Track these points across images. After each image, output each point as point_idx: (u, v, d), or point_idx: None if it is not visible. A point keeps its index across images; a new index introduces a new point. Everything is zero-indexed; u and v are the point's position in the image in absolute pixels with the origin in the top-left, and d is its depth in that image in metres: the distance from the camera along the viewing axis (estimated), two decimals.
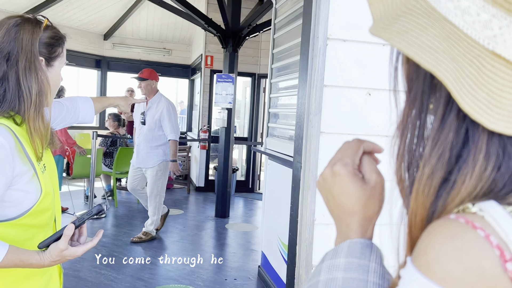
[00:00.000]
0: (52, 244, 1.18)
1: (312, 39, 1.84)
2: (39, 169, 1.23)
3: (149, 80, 4.84)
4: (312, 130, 1.84)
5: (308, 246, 1.84)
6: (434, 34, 0.42)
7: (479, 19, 0.41)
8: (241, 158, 8.56)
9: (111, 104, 2.03)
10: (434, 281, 0.39)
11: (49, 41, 1.28)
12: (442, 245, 0.40)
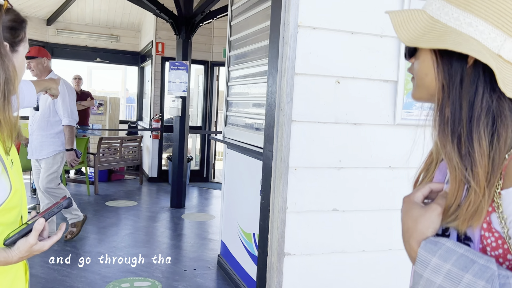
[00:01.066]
0: (20, 239, 1.11)
1: (283, 26, 1.82)
2: (8, 165, 1.14)
3: (39, 58, 4.38)
4: (283, 118, 1.83)
5: (280, 235, 1.85)
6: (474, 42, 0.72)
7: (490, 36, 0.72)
8: (195, 147, 8.45)
9: (45, 87, 1.98)
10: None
11: (11, 24, 1.17)
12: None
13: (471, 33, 0.72)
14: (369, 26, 1.95)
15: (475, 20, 0.72)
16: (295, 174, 1.89)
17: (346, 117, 1.96)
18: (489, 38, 0.72)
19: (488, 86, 0.73)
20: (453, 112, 0.74)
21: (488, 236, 0.72)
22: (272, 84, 1.97)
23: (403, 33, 0.77)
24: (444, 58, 0.76)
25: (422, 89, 0.81)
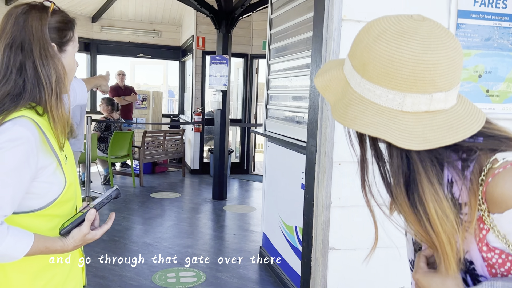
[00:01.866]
0: (74, 229, 1.19)
1: (326, 21, 1.81)
2: (62, 160, 1.21)
3: None
4: (327, 113, 1.82)
5: (324, 229, 1.85)
6: (370, 113, 0.75)
7: (388, 98, 0.74)
8: (235, 140, 8.54)
9: (96, 84, 2.07)
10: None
11: (58, 25, 1.23)
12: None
13: (372, 98, 0.75)
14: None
15: (372, 86, 0.74)
16: (339, 168, 1.89)
17: None
18: (388, 100, 0.74)
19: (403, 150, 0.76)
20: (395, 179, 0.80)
21: (491, 257, 0.75)
22: None
23: (329, 97, 0.82)
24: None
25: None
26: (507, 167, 0.71)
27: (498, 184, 0.71)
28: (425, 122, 0.74)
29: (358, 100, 0.76)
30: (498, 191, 0.70)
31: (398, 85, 0.73)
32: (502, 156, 0.73)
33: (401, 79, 0.72)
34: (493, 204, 0.71)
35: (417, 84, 0.72)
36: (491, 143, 0.76)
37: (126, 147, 6.53)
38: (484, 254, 0.74)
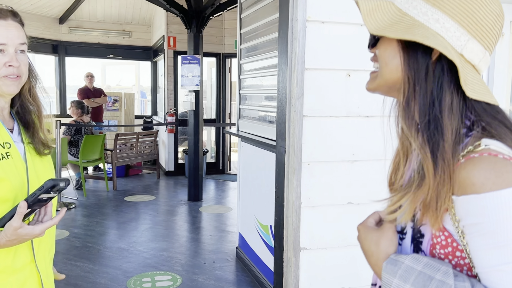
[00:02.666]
0: (7, 223, 1.11)
1: (291, 22, 1.81)
2: None
3: None
4: (295, 114, 1.83)
5: (295, 230, 1.86)
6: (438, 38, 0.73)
7: (455, 34, 0.73)
8: (210, 140, 8.50)
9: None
10: (505, 188, 0.67)
11: None
12: (493, 169, 0.68)
13: (438, 29, 0.73)
14: None
15: (442, 16, 0.73)
16: (309, 169, 1.89)
17: (358, 110, 1.95)
18: (454, 37, 0.73)
19: (450, 84, 0.75)
20: (420, 106, 0.75)
21: (438, 235, 0.75)
22: (283, 80, 1.96)
23: (371, 22, 0.77)
24: (410, 51, 0.76)
25: (380, 79, 0.82)
26: (483, 155, 0.70)
27: (466, 167, 0.71)
28: (473, 74, 0.75)
29: (422, 28, 0.74)
30: (464, 174, 0.70)
31: (470, 25, 0.73)
32: (486, 142, 0.72)
33: (475, 20, 0.73)
34: (456, 186, 0.71)
35: (484, 31, 0.74)
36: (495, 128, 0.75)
37: (98, 150, 6.41)
38: (434, 231, 0.75)
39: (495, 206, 0.67)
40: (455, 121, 0.74)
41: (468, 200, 0.70)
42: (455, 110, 0.74)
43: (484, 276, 0.70)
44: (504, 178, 0.68)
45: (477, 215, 0.69)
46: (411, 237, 0.79)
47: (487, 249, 0.69)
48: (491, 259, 0.69)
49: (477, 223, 0.69)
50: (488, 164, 0.69)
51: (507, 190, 0.68)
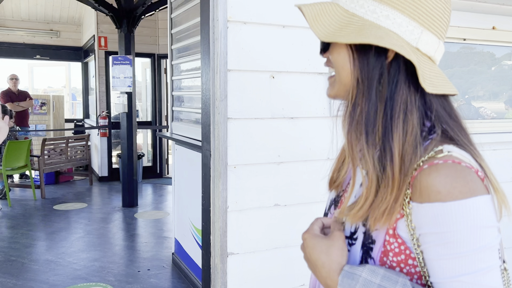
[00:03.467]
0: None
1: (212, 22, 1.77)
2: None
3: None
4: (219, 116, 1.78)
5: (222, 235, 1.82)
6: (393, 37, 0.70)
7: (408, 29, 0.71)
8: (146, 143, 8.26)
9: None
10: (470, 197, 0.65)
11: None
12: (459, 177, 0.66)
13: (389, 26, 0.70)
14: (300, 19, 1.92)
15: (392, 12, 0.70)
16: (235, 172, 1.86)
17: (282, 112, 1.94)
18: (407, 31, 0.70)
19: (408, 82, 0.71)
20: (369, 109, 0.71)
21: (392, 242, 0.72)
22: (206, 82, 1.91)
23: (319, 28, 0.73)
24: (360, 52, 0.72)
25: (339, 85, 0.77)
26: (447, 162, 0.67)
27: (430, 174, 0.67)
28: (430, 67, 0.72)
29: (374, 28, 0.70)
30: (428, 181, 0.67)
31: (420, 16, 0.71)
32: (448, 149, 0.70)
33: (425, 10, 0.71)
34: (416, 192, 0.68)
35: (435, 21, 0.72)
36: (453, 130, 0.73)
37: (23, 157, 6.02)
38: (387, 237, 0.72)
39: (461, 215, 0.65)
40: (411, 123, 0.70)
41: (431, 208, 0.66)
42: (412, 111, 0.71)
43: (440, 286, 0.67)
44: (469, 187, 0.66)
45: (440, 224, 0.66)
46: (362, 242, 0.75)
47: (447, 259, 0.66)
48: (451, 269, 0.66)
49: (439, 232, 0.66)
50: (454, 172, 0.67)
51: (473, 199, 0.66)
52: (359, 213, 0.72)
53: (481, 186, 0.68)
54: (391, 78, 0.71)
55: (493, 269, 0.66)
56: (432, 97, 0.73)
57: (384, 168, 0.70)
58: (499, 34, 2.47)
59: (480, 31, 2.40)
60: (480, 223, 0.65)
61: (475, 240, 0.65)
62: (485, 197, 0.67)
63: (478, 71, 2.61)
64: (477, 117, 2.66)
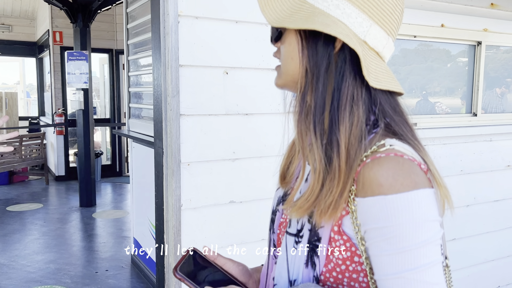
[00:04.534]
0: None
1: (163, 16, 1.73)
2: None
3: None
4: (171, 113, 1.75)
5: (176, 233, 1.78)
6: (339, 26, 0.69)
7: (357, 20, 0.70)
8: (105, 140, 8.06)
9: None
10: (412, 190, 0.64)
11: None
12: (401, 170, 0.66)
13: (339, 16, 0.69)
14: (253, 14, 1.91)
15: (342, 2, 0.69)
16: (188, 169, 1.83)
17: (237, 108, 1.92)
18: (356, 23, 0.69)
19: (354, 74, 0.70)
20: (317, 100, 0.70)
21: (337, 239, 0.71)
22: (157, 77, 1.87)
23: (269, 13, 0.72)
24: (310, 41, 0.71)
25: (286, 75, 0.76)
26: (390, 155, 0.66)
27: (373, 168, 0.66)
28: (377, 62, 0.71)
29: (322, 15, 0.69)
30: (371, 175, 0.66)
31: (371, 10, 0.70)
32: (390, 142, 0.69)
33: (376, 4, 0.70)
34: (360, 187, 0.67)
35: (385, 16, 0.71)
36: (397, 124, 0.72)
37: None
38: (332, 234, 0.70)
39: (403, 208, 0.64)
40: (357, 116, 0.69)
41: (374, 202, 0.65)
42: (357, 103, 0.70)
43: (383, 283, 0.66)
44: (412, 179, 0.65)
45: (383, 218, 0.64)
46: (307, 240, 0.73)
47: (390, 255, 0.65)
48: (394, 265, 0.64)
49: (382, 227, 0.65)
50: (396, 164, 0.66)
51: (415, 192, 0.64)
52: (304, 206, 0.70)
53: (424, 179, 0.67)
54: (337, 69, 0.70)
55: (435, 264, 0.65)
56: (378, 92, 0.72)
57: (330, 160, 0.69)
58: (448, 31, 2.54)
59: (430, 28, 2.46)
60: (422, 216, 0.64)
61: (417, 234, 0.64)
62: (428, 190, 0.66)
63: (435, 67, 2.68)
64: (433, 112, 2.73)
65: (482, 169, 2.71)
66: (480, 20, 2.64)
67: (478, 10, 2.64)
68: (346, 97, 0.69)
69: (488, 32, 2.68)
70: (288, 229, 0.78)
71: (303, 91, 0.72)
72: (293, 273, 0.75)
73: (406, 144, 0.70)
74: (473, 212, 2.74)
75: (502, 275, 2.96)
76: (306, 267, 0.73)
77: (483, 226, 2.79)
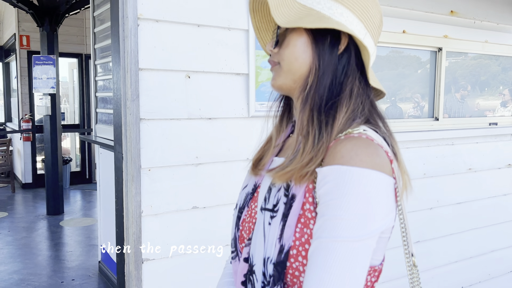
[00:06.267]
0: None
1: (122, 19, 1.70)
2: None
3: None
4: (131, 117, 1.71)
5: (136, 241, 1.75)
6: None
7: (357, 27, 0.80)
8: (75, 147, 7.89)
9: None
10: (369, 168, 0.69)
11: None
12: (366, 149, 0.71)
13: (344, 22, 0.78)
14: (215, 18, 1.90)
15: (345, 11, 0.78)
16: (149, 175, 1.80)
17: (199, 112, 1.90)
18: (357, 29, 0.78)
19: (355, 72, 0.80)
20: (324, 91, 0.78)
21: (312, 210, 0.73)
22: (117, 81, 1.84)
23: (279, 16, 0.78)
24: (319, 42, 0.79)
25: (288, 74, 0.82)
26: (361, 136, 0.73)
27: (341, 142, 0.73)
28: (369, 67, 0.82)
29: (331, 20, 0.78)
30: (337, 147, 0.72)
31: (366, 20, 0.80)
32: (364, 128, 0.76)
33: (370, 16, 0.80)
34: (326, 158, 0.73)
35: (375, 28, 0.81)
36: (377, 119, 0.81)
37: None
38: (307, 205, 0.73)
39: (353, 181, 0.67)
40: (352, 109, 0.78)
41: (330, 170, 0.70)
42: (355, 96, 0.79)
43: (312, 243, 0.69)
44: (372, 159, 0.69)
45: (332, 186, 0.68)
46: (282, 214, 0.75)
47: (323, 219, 0.68)
48: (321, 228, 0.67)
49: (328, 193, 0.68)
50: (362, 144, 0.71)
51: (370, 171, 0.68)
52: (291, 171, 0.75)
53: (386, 165, 0.71)
54: (342, 67, 0.79)
55: (361, 246, 0.66)
56: (369, 90, 0.82)
57: (322, 135, 0.76)
58: (410, 37, 2.59)
59: (392, 34, 2.50)
60: (368, 194, 0.67)
61: (355, 208, 0.66)
62: (385, 177, 0.70)
63: (406, 74, 2.72)
64: (402, 117, 2.78)
65: (444, 173, 2.76)
66: (441, 27, 2.70)
67: (438, 17, 2.70)
68: (347, 91, 0.79)
69: (448, 38, 2.74)
70: (265, 204, 0.81)
71: (311, 86, 0.80)
72: (267, 250, 0.77)
73: (378, 135, 0.77)
74: (437, 214, 2.78)
75: (465, 276, 3.02)
76: (279, 241, 0.75)
77: (447, 229, 2.84)
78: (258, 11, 0.92)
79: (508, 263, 3.24)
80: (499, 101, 3.14)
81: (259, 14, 0.93)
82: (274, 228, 0.76)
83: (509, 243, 3.23)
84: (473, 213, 2.98)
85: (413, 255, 0.81)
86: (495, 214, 3.11)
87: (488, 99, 3.20)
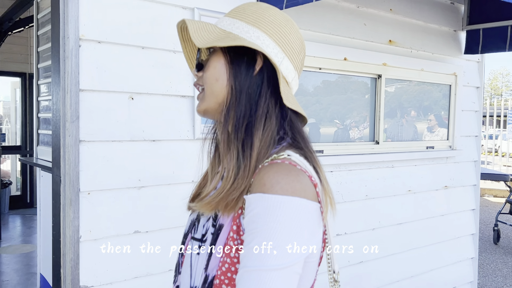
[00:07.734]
0: None
1: (63, 40, 1.67)
2: None
3: None
4: (70, 139, 1.66)
5: (74, 267, 1.68)
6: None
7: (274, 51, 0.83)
8: (15, 169, 7.51)
9: None
10: (289, 195, 0.69)
11: None
12: (287, 176, 0.71)
13: (260, 44, 0.81)
14: (160, 41, 1.91)
15: (262, 35, 0.81)
16: (89, 199, 1.74)
17: (143, 134, 1.88)
18: (273, 53, 0.81)
19: (270, 93, 0.82)
20: (239, 112, 0.80)
21: (236, 238, 0.74)
22: (56, 102, 1.79)
23: (199, 38, 0.80)
24: (235, 63, 0.82)
25: (211, 97, 0.84)
26: (284, 163, 0.74)
27: (265, 169, 0.73)
28: (288, 88, 0.84)
29: (246, 41, 0.80)
30: (260, 175, 0.73)
31: (284, 45, 0.83)
32: (289, 153, 0.78)
33: (288, 42, 0.83)
34: (252, 186, 0.74)
35: (294, 53, 0.84)
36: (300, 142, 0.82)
37: None
38: (232, 233, 0.74)
39: (273, 209, 0.68)
40: (270, 129, 0.79)
41: (254, 198, 0.71)
42: (271, 117, 0.81)
43: (238, 273, 0.69)
44: (292, 186, 0.70)
45: (256, 214, 0.69)
46: (209, 243, 0.76)
47: (248, 248, 0.68)
48: (247, 257, 0.67)
49: (252, 221, 0.69)
50: (284, 170, 0.72)
51: (290, 198, 0.69)
52: (215, 201, 0.75)
53: (309, 191, 0.72)
54: (257, 86, 0.81)
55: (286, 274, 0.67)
56: (289, 112, 0.84)
57: (243, 160, 0.77)
58: (351, 64, 2.71)
59: (334, 61, 2.60)
60: (289, 222, 0.68)
61: (278, 237, 0.67)
62: (308, 202, 0.71)
63: (355, 98, 2.82)
64: (349, 140, 2.86)
65: (385, 194, 2.86)
66: (380, 55, 2.85)
67: (377, 45, 2.84)
68: (262, 110, 0.80)
69: (387, 66, 2.89)
70: (194, 234, 0.82)
71: (228, 105, 0.82)
72: (195, 280, 0.77)
73: (303, 159, 0.78)
74: (379, 235, 2.87)
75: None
76: (205, 271, 0.75)
77: (388, 249, 2.93)
78: (188, 40, 0.94)
79: (449, 281, 3.38)
80: (426, 126, 3.31)
81: (190, 44, 0.95)
82: (202, 258, 0.77)
83: (449, 261, 3.37)
84: (413, 233, 3.10)
85: (335, 272, 0.84)
86: (434, 233, 3.24)
87: (426, 124, 3.37)
